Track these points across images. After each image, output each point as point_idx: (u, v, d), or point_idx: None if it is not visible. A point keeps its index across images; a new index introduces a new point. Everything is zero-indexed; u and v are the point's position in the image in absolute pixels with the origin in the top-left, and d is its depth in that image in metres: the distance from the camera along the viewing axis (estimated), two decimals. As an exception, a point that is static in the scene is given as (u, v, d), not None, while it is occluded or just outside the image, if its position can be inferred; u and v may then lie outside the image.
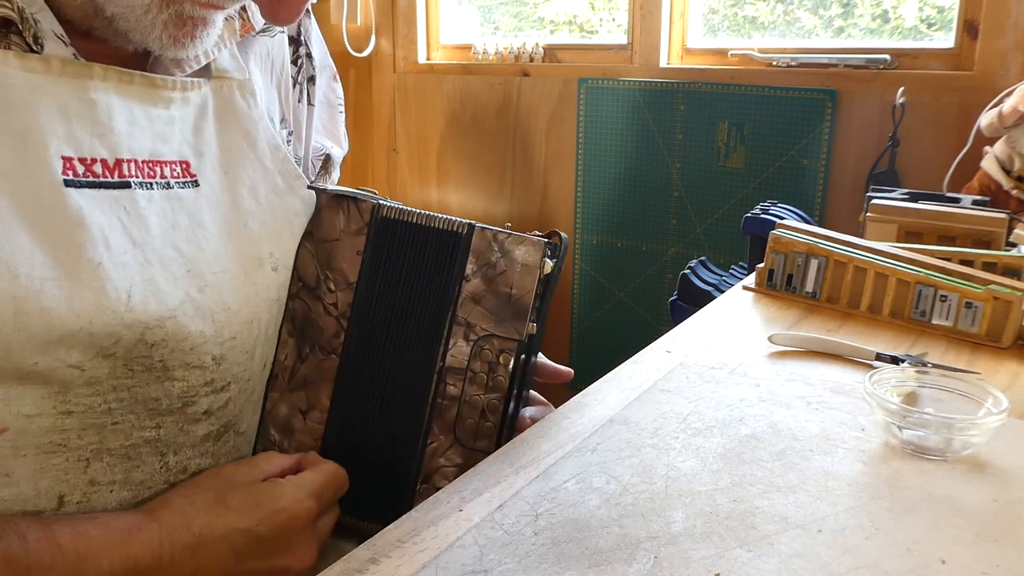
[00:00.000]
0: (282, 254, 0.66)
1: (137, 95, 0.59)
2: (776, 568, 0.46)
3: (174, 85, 0.62)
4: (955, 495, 0.54)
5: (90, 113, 0.56)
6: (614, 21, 2.34)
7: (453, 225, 0.65)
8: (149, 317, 0.56)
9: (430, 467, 0.64)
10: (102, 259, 0.54)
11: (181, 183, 0.61)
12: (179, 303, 0.58)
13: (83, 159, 0.55)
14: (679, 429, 0.62)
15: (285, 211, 0.67)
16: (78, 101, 0.55)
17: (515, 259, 0.63)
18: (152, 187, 0.59)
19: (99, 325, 0.53)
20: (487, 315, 0.63)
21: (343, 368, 0.66)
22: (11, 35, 0.53)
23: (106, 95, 0.57)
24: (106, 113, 0.57)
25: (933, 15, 1.93)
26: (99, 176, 0.56)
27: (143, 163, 0.59)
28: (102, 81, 0.57)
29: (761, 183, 2.04)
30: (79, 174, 0.55)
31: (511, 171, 2.45)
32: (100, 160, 0.56)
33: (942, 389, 0.64)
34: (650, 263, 2.25)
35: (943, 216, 1.06)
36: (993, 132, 1.50)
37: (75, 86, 0.55)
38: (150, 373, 0.57)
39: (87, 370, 0.54)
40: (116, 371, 0.56)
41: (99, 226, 0.54)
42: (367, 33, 2.58)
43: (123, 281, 0.55)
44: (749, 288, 0.98)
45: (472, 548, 0.48)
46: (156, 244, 0.58)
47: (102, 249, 0.54)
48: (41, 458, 0.54)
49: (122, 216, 0.56)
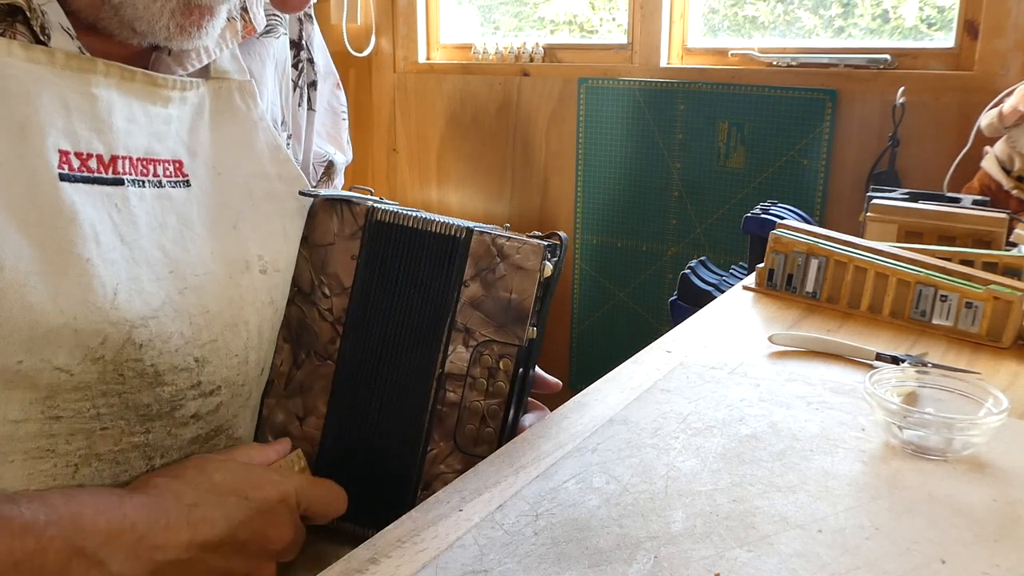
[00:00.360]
0: (274, 257, 0.65)
1: (137, 93, 0.59)
2: (776, 568, 0.46)
3: (174, 84, 0.61)
4: (955, 495, 0.54)
5: (91, 108, 0.56)
6: (614, 21, 2.34)
7: (450, 229, 0.63)
8: (134, 316, 0.55)
9: (430, 473, 0.63)
10: (91, 255, 0.54)
11: (173, 182, 0.61)
12: (161, 304, 0.57)
13: (79, 153, 0.55)
14: (679, 429, 0.62)
15: (281, 214, 0.67)
16: (79, 95, 0.55)
17: (514, 263, 0.62)
18: (144, 185, 0.59)
19: (84, 322, 0.53)
20: (486, 320, 0.62)
21: (339, 374, 0.65)
22: (17, 24, 0.53)
23: (107, 91, 0.57)
24: (106, 109, 0.57)
25: (933, 15, 1.93)
26: (94, 171, 0.56)
27: (137, 161, 0.59)
28: (104, 77, 0.57)
29: (761, 183, 2.04)
30: (74, 168, 0.54)
31: (511, 171, 2.45)
32: (96, 156, 0.56)
33: (942, 389, 0.64)
34: (650, 263, 2.25)
35: (943, 216, 1.06)
36: (993, 132, 1.50)
37: (77, 80, 0.55)
38: (142, 379, 0.57)
39: (75, 375, 0.53)
40: (106, 376, 0.55)
41: (90, 222, 0.54)
42: (367, 33, 2.58)
43: (110, 279, 0.54)
44: (749, 288, 0.98)
45: (472, 548, 0.48)
46: (143, 243, 0.58)
47: (92, 245, 0.54)
48: (29, 464, 0.53)
49: (113, 213, 0.56)
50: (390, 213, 0.65)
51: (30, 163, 0.52)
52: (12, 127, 0.52)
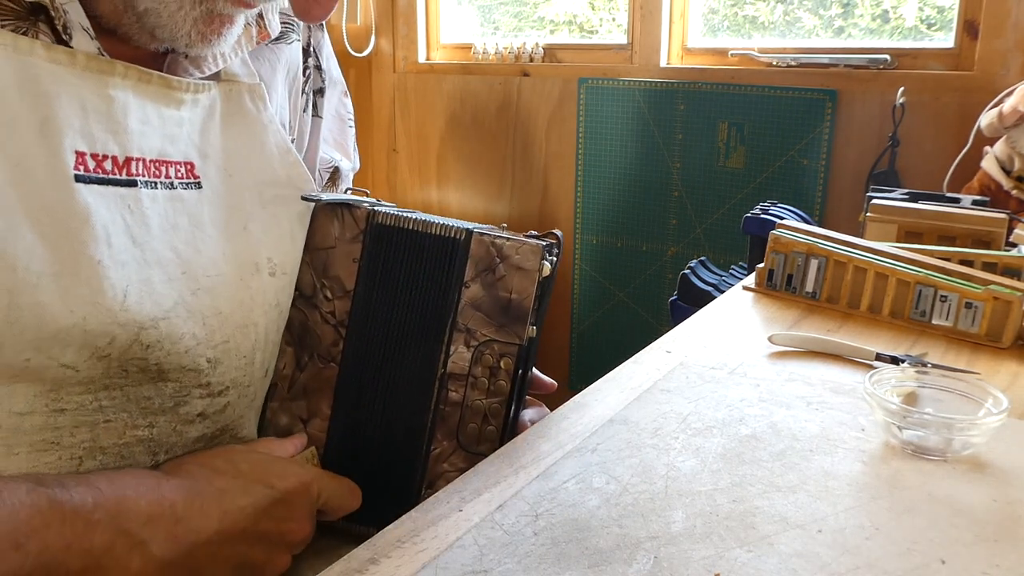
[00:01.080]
0: (282, 259, 0.66)
1: (152, 95, 0.59)
2: (776, 568, 0.46)
3: (187, 87, 0.62)
4: (955, 495, 0.54)
5: (107, 110, 0.56)
6: (614, 21, 2.34)
7: (450, 231, 0.64)
8: (144, 317, 0.56)
9: (434, 472, 0.64)
10: (102, 257, 0.54)
11: (184, 184, 0.61)
12: (173, 305, 0.58)
13: (95, 155, 0.55)
14: (679, 429, 0.62)
15: (290, 217, 0.67)
16: (97, 97, 0.56)
17: (513, 263, 0.62)
18: (156, 187, 0.59)
19: (93, 323, 0.53)
20: (487, 320, 0.63)
21: (343, 376, 0.66)
22: (40, 23, 0.53)
23: (124, 93, 0.57)
24: (122, 111, 0.57)
25: (933, 15, 1.93)
26: (108, 173, 0.56)
27: (150, 162, 0.59)
28: (122, 79, 0.57)
29: (761, 183, 2.04)
30: (90, 169, 0.55)
31: (511, 171, 2.45)
32: (111, 157, 0.56)
33: (942, 389, 0.64)
34: (650, 263, 2.25)
35: (943, 216, 1.06)
36: (993, 132, 1.50)
37: (96, 82, 0.56)
38: (144, 374, 0.57)
39: (81, 371, 0.54)
40: (110, 371, 0.56)
41: (103, 223, 0.54)
42: (367, 33, 2.58)
43: (120, 280, 0.55)
44: (749, 288, 0.98)
45: (472, 548, 0.48)
46: (155, 244, 0.58)
47: (104, 247, 0.54)
48: (34, 456, 0.54)
49: (126, 214, 0.56)
50: (391, 216, 0.65)
51: (48, 163, 0.52)
52: (32, 127, 0.52)
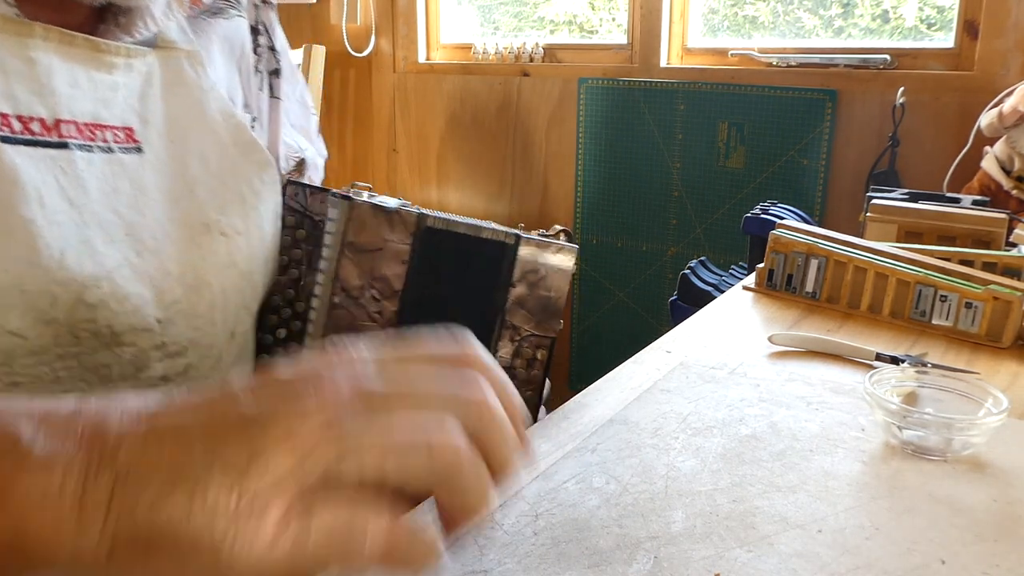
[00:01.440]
0: (233, 220, 0.66)
1: (79, 58, 0.59)
2: (776, 568, 0.46)
3: (117, 51, 0.61)
4: (955, 495, 0.54)
5: (30, 71, 0.56)
6: (614, 21, 2.34)
7: (500, 235, 0.68)
8: (85, 276, 0.55)
9: None
10: (35, 216, 0.53)
11: (124, 148, 0.61)
12: (116, 265, 0.57)
13: (20, 116, 0.55)
14: (679, 429, 0.62)
15: (236, 178, 0.67)
16: (18, 59, 0.55)
17: (553, 265, 0.68)
18: (92, 150, 0.59)
19: (30, 282, 0.53)
20: (528, 317, 0.68)
21: None
22: None
23: (47, 55, 0.57)
24: (46, 73, 0.56)
25: (933, 15, 1.93)
26: (36, 134, 0.55)
27: (84, 125, 0.58)
28: (43, 40, 0.57)
29: (761, 183, 2.04)
30: (15, 131, 0.54)
31: (511, 171, 2.45)
32: (38, 119, 0.56)
33: (942, 389, 0.64)
34: (650, 263, 2.25)
35: (943, 216, 1.06)
36: (993, 132, 1.50)
37: (15, 44, 0.55)
38: (97, 339, 0.57)
39: (30, 338, 0.53)
40: (60, 339, 0.55)
41: (34, 184, 0.54)
42: (367, 33, 2.58)
43: (56, 240, 0.54)
44: (749, 288, 0.98)
45: (472, 548, 0.48)
46: (95, 207, 0.58)
47: (35, 207, 0.54)
48: None
49: (59, 176, 0.56)
50: (441, 220, 0.68)
51: None
52: None
